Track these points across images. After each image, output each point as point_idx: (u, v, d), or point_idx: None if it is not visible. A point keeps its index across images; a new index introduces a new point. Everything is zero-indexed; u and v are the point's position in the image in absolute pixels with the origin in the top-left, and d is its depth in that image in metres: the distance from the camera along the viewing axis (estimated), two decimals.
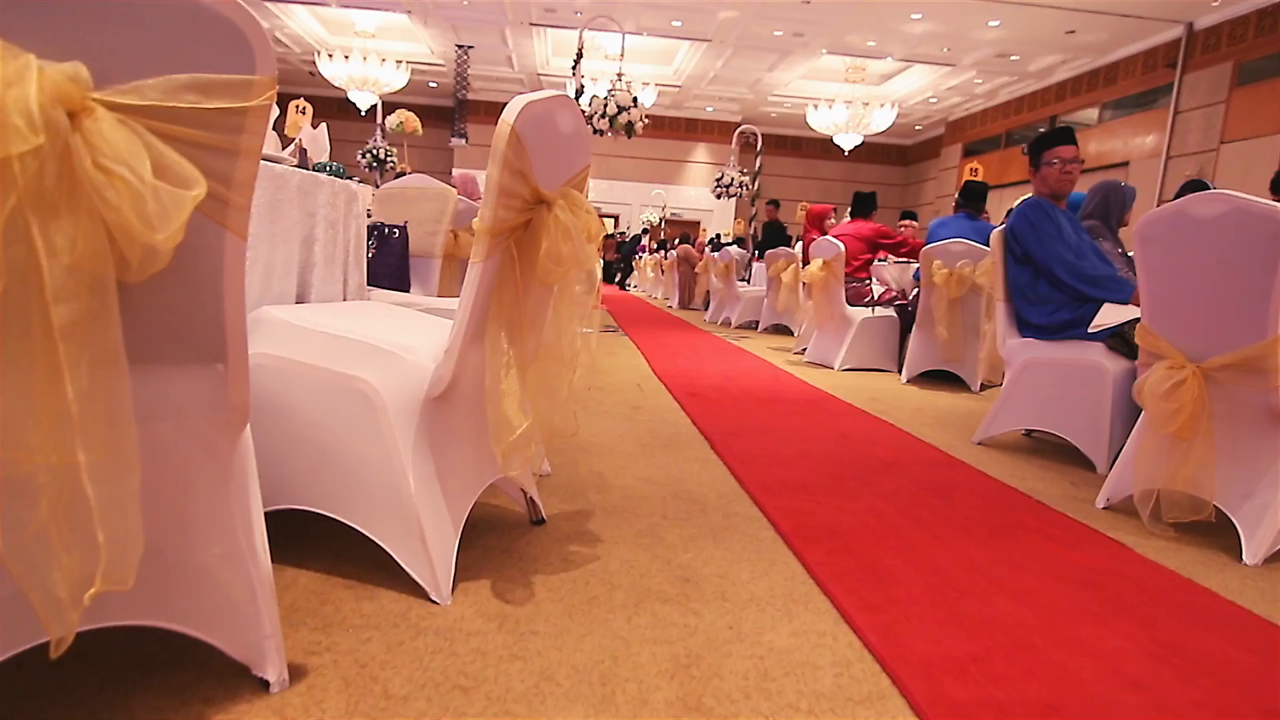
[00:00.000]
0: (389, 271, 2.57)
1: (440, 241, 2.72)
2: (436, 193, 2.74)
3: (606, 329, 6.48)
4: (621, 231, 19.58)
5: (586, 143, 1.47)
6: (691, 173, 22.36)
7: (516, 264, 1.30)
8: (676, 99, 19.51)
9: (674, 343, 5.65)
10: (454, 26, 15.49)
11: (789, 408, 3.35)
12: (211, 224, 0.87)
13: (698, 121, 21.85)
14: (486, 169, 1.23)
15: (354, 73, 15.58)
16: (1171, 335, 2.06)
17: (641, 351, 4.91)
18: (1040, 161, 2.88)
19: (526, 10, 14.06)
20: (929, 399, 3.84)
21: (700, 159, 22.37)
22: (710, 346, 5.56)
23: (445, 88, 19.87)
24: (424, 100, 20.86)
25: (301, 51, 17.47)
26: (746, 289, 7.68)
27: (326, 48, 16.08)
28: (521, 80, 19.20)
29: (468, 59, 17.62)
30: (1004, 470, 2.52)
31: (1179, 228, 2.03)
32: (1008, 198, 19.09)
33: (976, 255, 4.12)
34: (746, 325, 7.52)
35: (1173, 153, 13.91)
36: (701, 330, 6.94)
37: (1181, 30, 13.18)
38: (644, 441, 2.55)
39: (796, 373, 4.46)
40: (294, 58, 18.15)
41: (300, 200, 1.55)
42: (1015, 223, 2.84)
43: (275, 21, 15.78)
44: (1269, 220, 1.84)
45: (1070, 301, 2.73)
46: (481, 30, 15.59)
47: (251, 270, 1.45)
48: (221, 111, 0.83)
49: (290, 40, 16.93)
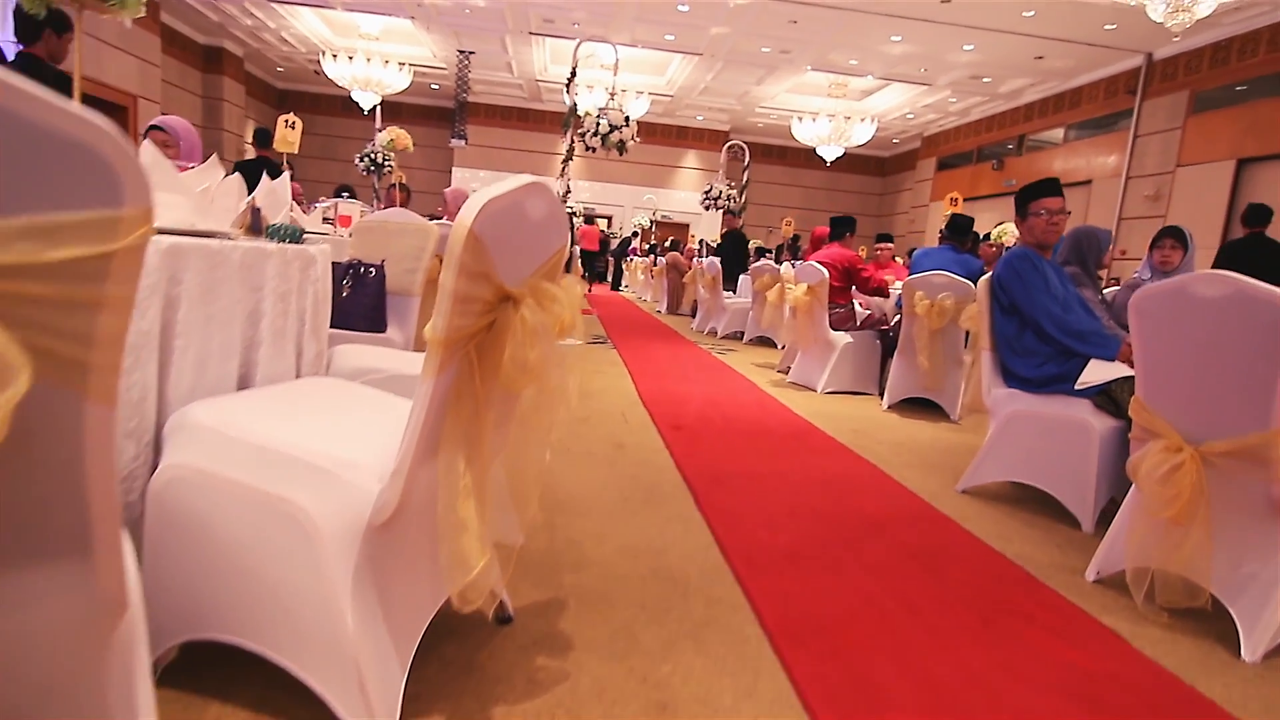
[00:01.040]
0: (364, 312, 2.32)
1: (420, 279, 2.47)
2: (417, 228, 2.49)
3: (595, 340, 6.24)
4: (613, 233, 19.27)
5: (560, 224, 1.24)
6: (682, 177, 22.10)
7: (476, 371, 1.07)
8: (669, 107, 19.21)
9: (661, 358, 5.42)
10: (456, 33, 15.07)
11: (773, 443, 3.13)
12: (65, 394, 0.63)
13: (688, 129, 21.57)
14: (442, 273, 0.99)
15: (357, 73, 15.16)
16: (1168, 412, 1.86)
17: (629, 371, 4.67)
18: (1027, 212, 2.67)
19: (526, 20, 13.69)
20: (910, 431, 3.64)
21: (690, 165, 22.10)
22: (697, 363, 5.34)
23: (447, 90, 19.41)
24: (425, 101, 20.40)
25: (307, 51, 16.97)
26: (733, 300, 7.45)
27: (331, 48, 15.61)
28: (521, 85, 18.80)
29: (469, 64, 17.20)
30: (990, 529, 2.32)
31: (1178, 306, 1.81)
32: (978, 209, 19.01)
33: (958, 288, 3.91)
34: (732, 336, 7.30)
35: (1132, 173, 13.90)
36: (688, 341, 6.71)
37: (1142, 60, 13.25)
38: (625, 493, 2.32)
39: (780, 396, 4.25)
40: (300, 57, 17.65)
41: (244, 275, 1.30)
42: (1002, 273, 2.63)
43: (281, 22, 15.28)
44: (1272, 307, 1.63)
45: (1057, 355, 2.53)
46: (482, 37, 15.18)
47: (183, 359, 1.21)
48: (74, 261, 0.59)
49: (296, 40, 16.43)
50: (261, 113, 20.05)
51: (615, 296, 13.82)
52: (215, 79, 16.81)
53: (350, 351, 1.82)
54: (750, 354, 6.19)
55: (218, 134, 17.01)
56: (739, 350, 6.40)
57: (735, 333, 7.31)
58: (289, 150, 4.23)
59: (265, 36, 16.39)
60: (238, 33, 16.31)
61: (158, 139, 2.49)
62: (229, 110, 17.23)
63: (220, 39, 16.51)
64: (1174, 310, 1.81)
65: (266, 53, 17.72)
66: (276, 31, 15.91)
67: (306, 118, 22.82)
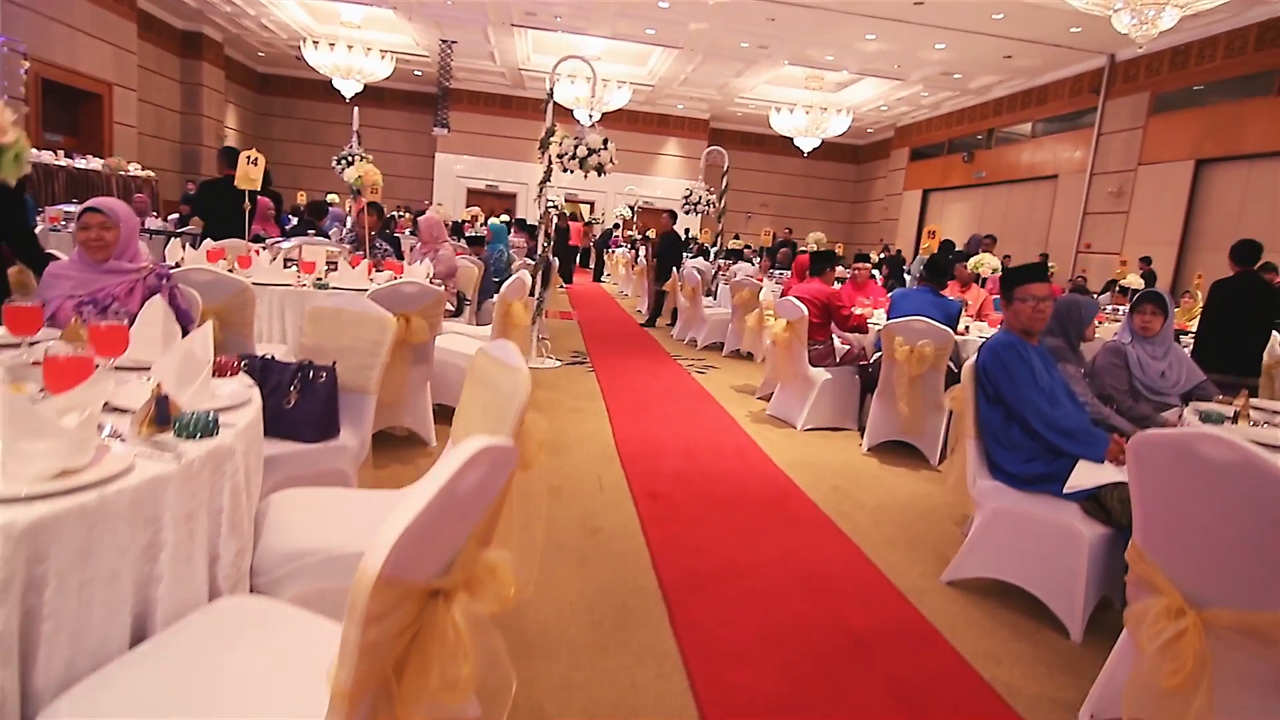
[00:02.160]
0: (313, 420, 2.03)
1: (376, 377, 2.18)
2: (374, 320, 2.20)
3: (574, 358, 5.97)
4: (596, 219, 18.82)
5: (506, 468, 0.99)
6: (663, 164, 21.62)
7: (396, 696, 0.83)
8: (650, 96, 18.66)
9: (641, 385, 5.14)
10: (438, 23, 14.37)
11: (752, 516, 2.91)
12: None
13: (670, 117, 21.04)
14: (344, 623, 0.74)
15: (339, 61, 14.45)
16: (1167, 566, 1.64)
17: (607, 405, 4.42)
18: (1013, 296, 2.44)
19: (508, 12, 13.07)
20: (891, 485, 3.44)
21: (671, 152, 21.63)
22: (676, 391, 5.06)
23: (429, 76, 18.63)
24: (408, 86, 19.59)
25: (288, 37, 16.11)
26: (712, 311, 7.19)
27: (312, 35, 14.81)
28: (504, 73, 18.08)
29: (451, 52, 16.47)
30: (978, 643, 2.12)
31: (1181, 463, 1.57)
32: (948, 200, 18.82)
33: (937, 335, 3.70)
34: (712, 346, 7.06)
35: (1096, 170, 13.80)
36: (668, 357, 6.43)
37: (1105, 60, 13.13)
38: (596, 615, 2.08)
39: (760, 438, 4.02)
40: (280, 42, 16.77)
41: (135, 513, 1.03)
42: (988, 362, 2.41)
43: (261, 9, 14.44)
44: None
45: (1044, 452, 2.33)
46: (464, 27, 14.50)
47: (53, 643, 0.94)
48: None
49: (276, 27, 15.58)
50: (242, 97, 19.13)
51: (596, 290, 13.48)
52: (194, 64, 15.92)
53: (286, 508, 1.55)
54: (730, 372, 5.95)
55: (197, 120, 16.19)
56: (719, 367, 6.16)
57: (715, 343, 7.07)
58: (251, 187, 3.85)
59: (245, 23, 15.52)
60: (217, 19, 15.42)
61: (94, 221, 2.15)
62: (208, 95, 16.37)
63: (199, 24, 15.60)
64: (1177, 468, 1.59)
65: (247, 38, 16.81)
66: (256, 18, 15.06)
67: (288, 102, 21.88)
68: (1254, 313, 4.11)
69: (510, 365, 1.54)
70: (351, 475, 2.12)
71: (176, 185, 15.54)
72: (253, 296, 2.76)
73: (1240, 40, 11.05)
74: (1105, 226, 13.59)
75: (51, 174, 8.13)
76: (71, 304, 2.09)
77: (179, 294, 2.26)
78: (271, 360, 2.10)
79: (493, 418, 1.55)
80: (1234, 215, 11.36)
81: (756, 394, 5.09)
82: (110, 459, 1.04)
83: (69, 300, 2.10)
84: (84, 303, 2.10)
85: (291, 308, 3.27)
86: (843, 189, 23.61)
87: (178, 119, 15.91)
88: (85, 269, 2.15)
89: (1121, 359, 2.97)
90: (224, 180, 5.00)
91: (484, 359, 1.67)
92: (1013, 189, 16.64)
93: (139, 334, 1.64)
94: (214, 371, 1.58)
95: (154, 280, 2.20)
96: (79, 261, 2.15)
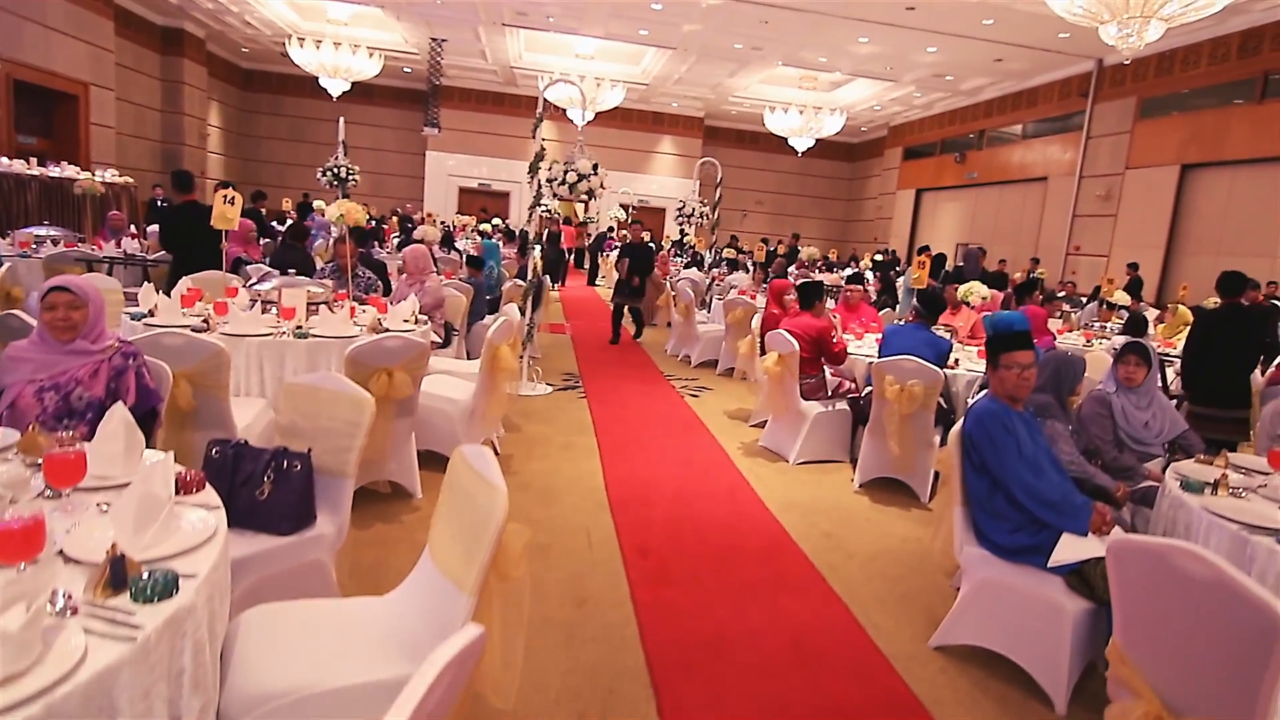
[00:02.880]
0: (288, 512, 1.96)
1: (354, 460, 2.11)
2: (351, 400, 2.12)
3: (566, 382, 5.89)
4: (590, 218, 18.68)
5: (474, 656, 0.94)
6: (658, 162, 21.47)
7: None
8: (644, 95, 18.49)
9: (633, 415, 5.05)
10: (428, 22, 14.14)
11: (744, 575, 2.84)
12: None
13: (664, 115, 20.89)
14: None
15: (326, 60, 14.11)
16: (1147, 669, 1.61)
17: (598, 441, 4.36)
18: (999, 363, 2.40)
19: (499, 12, 12.87)
20: (883, 529, 3.40)
21: (666, 150, 21.48)
22: (669, 421, 4.95)
23: (419, 73, 18.35)
24: (398, 83, 19.32)
25: (273, 34, 15.82)
26: (706, 328, 7.13)
27: (298, 33, 14.51)
28: (495, 71, 17.86)
29: (441, 50, 16.24)
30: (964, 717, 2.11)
31: (1160, 575, 1.53)
32: (941, 200, 18.80)
33: (927, 375, 3.66)
34: (706, 364, 7.00)
35: (1085, 173, 13.84)
36: (662, 378, 6.30)
37: (1093, 65, 13.15)
38: (581, 705, 2.04)
39: (753, 475, 3.97)
40: (265, 39, 16.47)
41: (83, 712, 0.98)
42: (973, 431, 2.37)
43: (245, 6, 14.16)
44: (1260, 614, 1.37)
45: (1028, 524, 2.30)
46: (455, 26, 14.27)
47: None
48: None
49: (261, 24, 15.29)
50: (226, 94, 18.81)
51: (590, 296, 13.38)
52: (175, 61, 15.58)
53: (255, 634, 1.49)
54: (723, 394, 5.89)
55: (178, 119, 15.88)
56: (713, 388, 6.10)
57: (709, 360, 7.02)
58: (228, 227, 3.74)
59: (228, 20, 15.22)
60: (198, 15, 15.11)
61: (61, 300, 2.07)
62: (190, 93, 16.05)
63: (180, 20, 15.26)
64: (1154, 577, 1.56)
65: (230, 34, 16.50)
66: (239, 15, 14.76)
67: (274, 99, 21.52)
68: (1239, 345, 4.11)
69: (489, 482, 1.49)
70: (329, 564, 2.06)
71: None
72: (228, 359, 2.68)
73: (1223, 48, 11.10)
74: (1094, 229, 13.63)
75: (23, 184, 7.91)
76: (32, 389, 2.01)
77: (146, 372, 2.18)
78: (244, 447, 2.03)
79: (470, 536, 1.50)
80: (1218, 220, 11.43)
81: (750, 420, 5.06)
82: (58, 653, 0.98)
83: (29, 385, 2.02)
84: (45, 388, 2.02)
85: (270, 359, 3.19)
86: (837, 187, 23.55)
87: (158, 117, 15.60)
88: (47, 350, 2.06)
89: (1106, 408, 2.96)
90: (187, 209, 4.84)
91: (463, 468, 1.61)
92: (1004, 190, 16.65)
93: (99, 450, 1.56)
94: (176, 487, 1.52)
95: (120, 360, 2.12)
96: (40, 342, 2.07)
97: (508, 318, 3.69)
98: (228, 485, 1.94)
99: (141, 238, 6.78)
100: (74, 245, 5.61)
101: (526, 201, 5.75)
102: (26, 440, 1.62)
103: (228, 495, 1.92)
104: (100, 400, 2.05)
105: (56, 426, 1.96)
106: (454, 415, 3.54)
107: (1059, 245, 14.47)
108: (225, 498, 1.88)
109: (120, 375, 2.10)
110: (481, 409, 3.62)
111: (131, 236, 6.41)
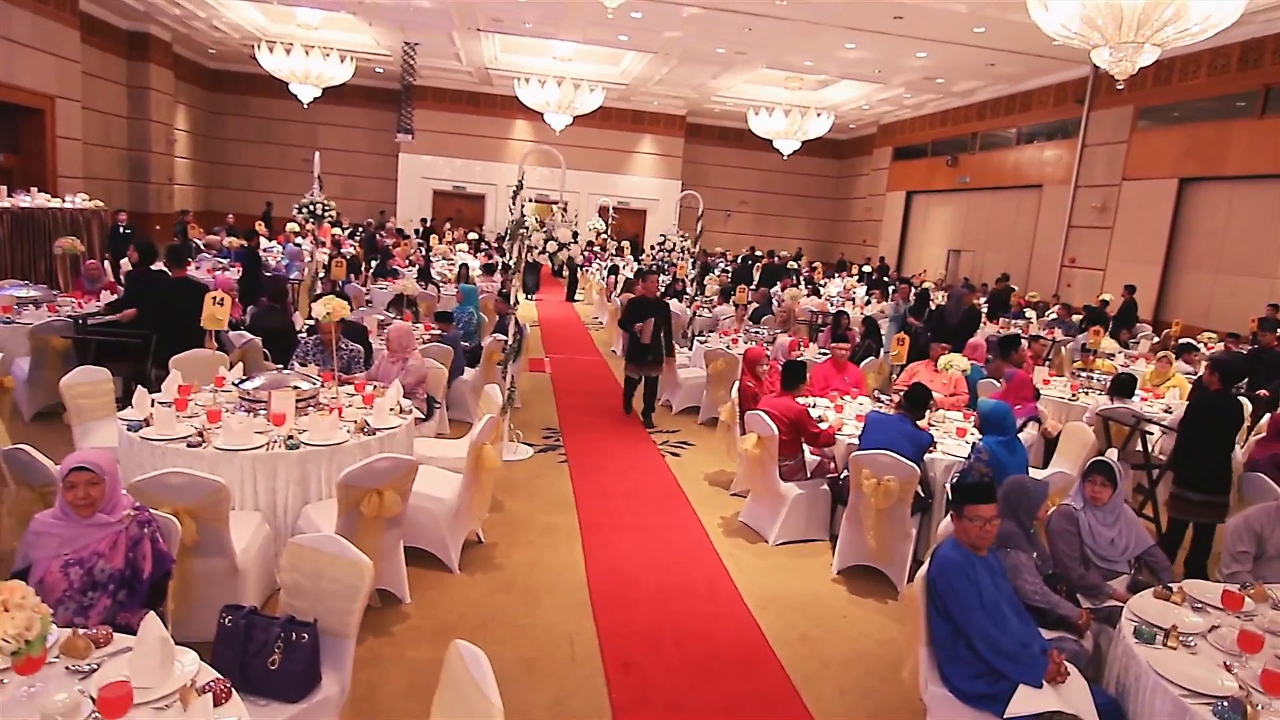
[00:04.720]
0: (296, 680, 2.21)
1: (354, 622, 2.35)
2: (351, 564, 2.35)
3: (547, 441, 6.12)
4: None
5: None
6: (638, 162, 21.55)
7: None
8: (624, 94, 18.57)
9: (613, 486, 5.22)
10: (400, 26, 14.16)
11: (724, 690, 3.08)
12: None
13: (644, 113, 20.93)
14: None
15: (296, 67, 14.08)
16: None
17: (580, 523, 4.59)
18: (962, 514, 2.67)
19: (473, 17, 12.93)
20: (859, 631, 3.58)
21: (647, 150, 21.55)
22: (651, 492, 5.14)
23: (392, 73, 18.34)
24: (370, 83, 19.25)
25: (241, 38, 15.77)
26: (687, 373, 7.36)
27: (267, 37, 14.48)
28: (470, 72, 17.88)
29: (414, 53, 16.26)
30: None
31: None
32: (932, 204, 19.06)
33: (903, 471, 3.92)
34: (688, 411, 7.25)
35: (1080, 182, 13.99)
36: (644, 436, 6.40)
37: (1089, 70, 13.08)
38: None
39: (732, 561, 4.15)
40: (233, 42, 16.40)
41: None
42: (935, 578, 2.63)
43: (211, 11, 14.10)
44: None
45: (988, 673, 2.55)
46: (428, 30, 14.30)
47: None
48: None
49: (228, 28, 15.22)
50: (193, 96, 18.69)
51: (569, 315, 13.49)
52: (140, 66, 15.50)
53: None
54: (704, 451, 6.03)
55: (145, 125, 15.82)
56: (694, 443, 6.30)
57: (690, 408, 7.26)
58: (217, 328, 3.94)
59: (194, 24, 15.14)
60: (164, 20, 15.02)
61: (81, 479, 2.28)
62: (156, 99, 15.98)
63: (145, 24, 15.15)
64: None
65: (196, 37, 16.40)
66: (207, 20, 14.69)
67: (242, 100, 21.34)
68: (1231, 434, 4.37)
69: (487, 698, 1.73)
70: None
71: (125, 195, 15.23)
72: (228, 494, 2.89)
73: (1223, 59, 11.21)
74: (1090, 241, 13.82)
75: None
76: (58, 564, 2.23)
77: (160, 537, 2.41)
78: (255, 616, 2.26)
79: None
80: (1218, 237, 11.53)
81: (730, 489, 5.31)
82: None
83: (55, 560, 2.24)
84: (70, 563, 2.25)
85: (264, 471, 3.40)
86: (824, 185, 23.73)
87: (125, 125, 15.54)
88: (69, 524, 2.29)
89: (1074, 524, 3.21)
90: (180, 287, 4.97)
91: (463, 673, 1.84)
92: (997, 195, 16.84)
93: (137, 664, 1.80)
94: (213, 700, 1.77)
95: (135, 530, 2.34)
96: (64, 518, 2.30)
97: (490, 417, 3.92)
98: (240, 655, 2.19)
99: (116, 280, 6.89)
100: (55, 310, 5.76)
101: (504, 203, 5.90)
102: (69, 644, 1.86)
103: (241, 664, 2.18)
104: (120, 571, 2.28)
105: (81, 600, 2.21)
106: (439, 514, 3.77)
107: (1054, 255, 14.67)
108: (239, 666, 2.14)
109: (137, 544, 2.33)
110: (466, 506, 3.87)
111: (108, 288, 6.55)
